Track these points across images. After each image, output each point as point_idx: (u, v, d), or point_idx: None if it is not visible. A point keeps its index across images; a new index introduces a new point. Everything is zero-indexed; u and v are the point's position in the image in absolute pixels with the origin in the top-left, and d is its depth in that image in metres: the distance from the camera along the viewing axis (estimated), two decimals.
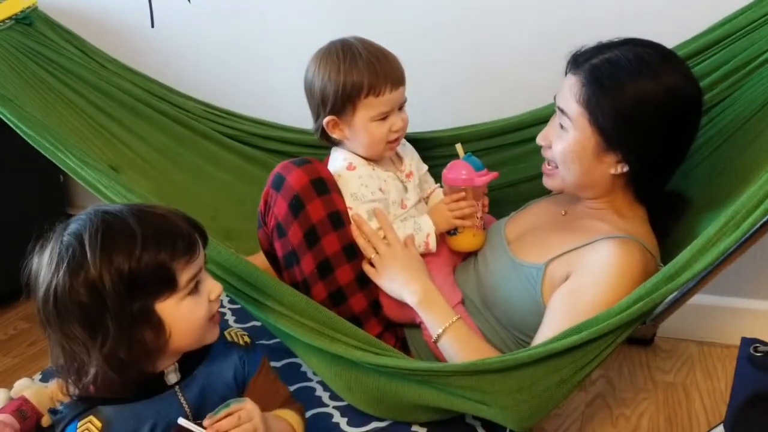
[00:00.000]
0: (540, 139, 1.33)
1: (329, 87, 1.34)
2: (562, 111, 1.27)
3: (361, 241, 1.36)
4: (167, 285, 0.93)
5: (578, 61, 1.26)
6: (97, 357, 0.90)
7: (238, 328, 1.67)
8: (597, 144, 1.24)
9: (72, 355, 0.93)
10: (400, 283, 1.33)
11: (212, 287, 0.99)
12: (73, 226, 0.94)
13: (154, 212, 0.95)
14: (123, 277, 0.89)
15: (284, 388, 1.15)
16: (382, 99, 1.33)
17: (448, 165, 1.41)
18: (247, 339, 1.12)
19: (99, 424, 0.95)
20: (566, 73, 1.29)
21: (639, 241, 1.24)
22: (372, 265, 1.37)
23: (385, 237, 1.37)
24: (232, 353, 1.07)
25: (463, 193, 1.39)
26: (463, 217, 1.38)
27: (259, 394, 1.07)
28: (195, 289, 0.96)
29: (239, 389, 1.07)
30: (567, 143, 1.26)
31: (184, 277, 0.94)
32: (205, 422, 0.94)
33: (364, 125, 1.36)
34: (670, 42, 1.34)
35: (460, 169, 1.39)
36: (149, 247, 0.90)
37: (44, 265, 0.93)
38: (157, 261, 0.91)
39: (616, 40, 1.27)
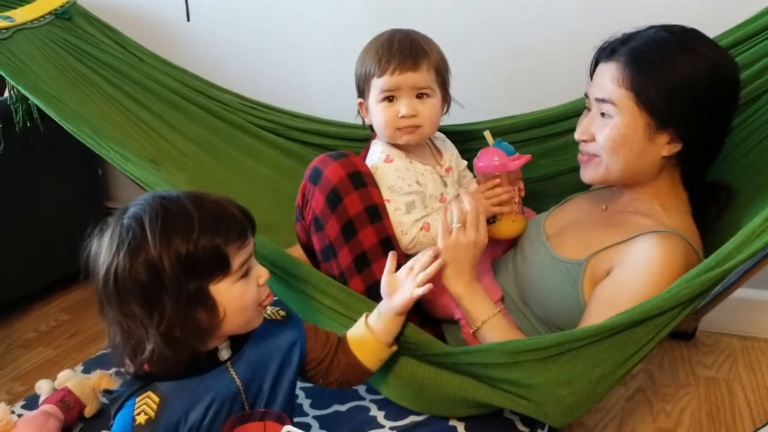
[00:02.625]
0: (579, 134, 1.30)
1: (359, 68, 1.40)
2: (602, 100, 1.24)
3: (444, 225, 1.29)
4: (221, 267, 0.96)
5: (610, 50, 1.25)
6: (154, 334, 0.93)
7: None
8: (647, 124, 1.21)
9: (129, 333, 0.96)
10: (448, 273, 1.30)
11: (261, 272, 1.03)
12: (132, 209, 0.97)
13: (208, 198, 0.99)
14: (181, 259, 0.92)
15: (333, 337, 1.19)
16: (386, 78, 1.35)
17: (479, 153, 1.40)
18: (282, 312, 1.15)
19: (157, 399, 0.98)
20: (595, 67, 1.28)
21: (682, 236, 1.22)
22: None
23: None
24: (276, 329, 1.10)
25: (497, 180, 1.37)
26: (500, 204, 1.37)
27: (317, 353, 1.16)
28: (246, 274, 0.99)
29: (302, 357, 1.13)
30: (615, 129, 1.23)
31: (237, 260, 0.97)
32: None
33: (374, 106, 1.38)
34: (712, 31, 1.31)
35: (492, 156, 1.37)
36: (205, 231, 0.94)
37: (104, 247, 0.96)
38: (212, 244, 0.94)
39: (640, 28, 1.26)
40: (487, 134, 1.41)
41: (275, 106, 1.84)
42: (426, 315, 1.39)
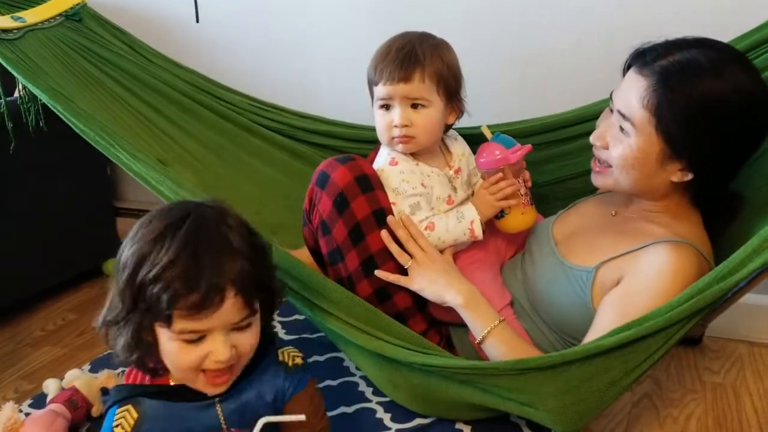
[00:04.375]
0: (595, 139, 1.28)
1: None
2: (623, 115, 1.20)
3: (394, 248, 1.34)
4: (163, 319, 0.91)
5: (645, 60, 1.19)
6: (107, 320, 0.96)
7: (281, 319, 1.68)
8: (662, 151, 1.18)
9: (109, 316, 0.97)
10: (443, 285, 1.32)
11: (217, 352, 0.93)
12: (175, 210, 0.96)
13: (206, 251, 0.91)
14: (136, 282, 0.91)
15: (323, 421, 1.11)
16: (379, 88, 1.36)
17: (479, 149, 1.39)
18: (298, 360, 1.08)
19: (135, 416, 0.98)
20: (627, 69, 1.23)
21: (694, 246, 1.21)
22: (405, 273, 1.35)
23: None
24: (279, 373, 1.04)
25: (500, 174, 1.37)
26: (506, 198, 1.37)
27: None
28: (194, 341, 0.92)
29: (277, 410, 1.05)
30: (628, 149, 1.21)
31: (180, 325, 0.91)
32: None
33: (375, 112, 1.40)
34: (729, 34, 1.30)
35: (492, 151, 1.37)
36: (162, 277, 0.89)
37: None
38: (159, 293, 0.89)
39: (686, 38, 1.20)
40: (484, 129, 1.40)
41: (283, 106, 1.84)
42: (433, 318, 1.39)
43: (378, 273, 1.33)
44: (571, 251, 1.32)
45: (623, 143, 1.21)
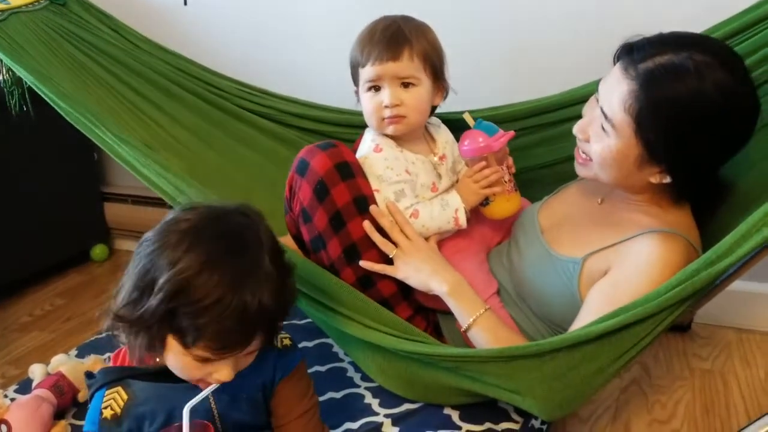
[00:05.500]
0: (577, 131, 1.27)
1: (349, 59, 1.39)
2: (605, 115, 1.18)
3: (377, 238, 1.33)
4: (183, 339, 0.92)
5: (632, 57, 1.16)
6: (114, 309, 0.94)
7: None
8: (640, 155, 1.17)
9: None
10: (428, 273, 1.31)
11: (221, 372, 0.96)
12: (202, 225, 0.95)
13: (246, 307, 0.91)
14: (170, 300, 0.90)
15: (312, 400, 1.13)
16: (369, 68, 1.34)
17: (462, 137, 1.38)
18: (287, 342, 1.11)
19: (125, 397, 0.99)
20: (616, 61, 1.20)
21: (682, 235, 1.20)
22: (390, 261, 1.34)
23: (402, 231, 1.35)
24: (268, 355, 1.05)
25: (484, 162, 1.36)
26: (490, 185, 1.36)
27: (284, 399, 1.08)
28: (204, 361, 0.94)
29: (267, 392, 1.08)
30: (607, 149, 1.19)
31: (198, 351, 0.92)
32: None
33: (362, 95, 1.38)
34: (709, 22, 1.30)
35: (475, 138, 1.36)
36: (206, 314, 0.89)
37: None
38: (194, 324, 0.90)
39: (678, 36, 1.17)
40: (466, 116, 1.39)
41: (271, 91, 1.82)
42: (419, 304, 1.39)
43: (363, 263, 1.33)
44: (558, 241, 1.31)
45: (603, 141, 1.20)
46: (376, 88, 1.35)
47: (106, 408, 0.99)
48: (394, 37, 1.33)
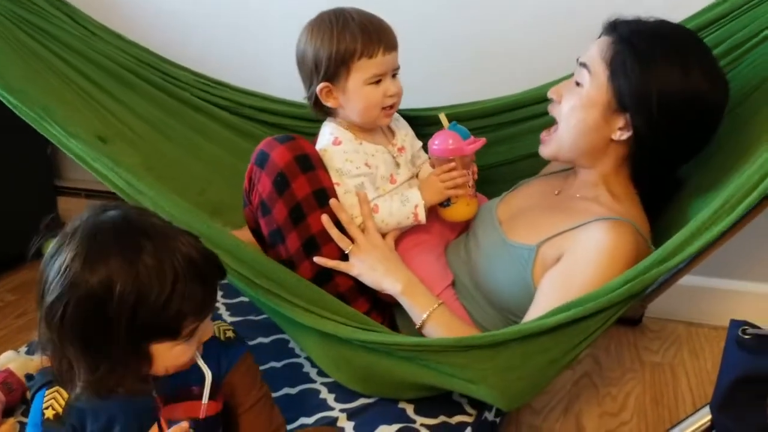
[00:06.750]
0: (551, 93, 1.32)
1: (322, 52, 1.33)
2: (583, 65, 1.26)
3: (334, 233, 1.33)
4: (171, 333, 0.91)
5: (614, 27, 1.26)
6: (85, 376, 0.90)
7: (226, 301, 1.65)
8: (608, 102, 1.23)
9: (60, 366, 0.92)
10: (382, 272, 1.32)
11: (206, 331, 0.97)
12: (105, 238, 0.88)
13: (189, 256, 0.90)
14: (140, 316, 0.87)
15: (262, 390, 1.12)
16: (375, 61, 1.33)
17: (434, 136, 1.39)
18: (230, 334, 1.10)
19: (66, 395, 0.97)
20: (598, 38, 1.29)
21: (632, 224, 1.24)
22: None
23: (361, 225, 1.36)
24: (210, 348, 1.03)
25: (453, 164, 1.37)
26: (455, 187, 1.37)
27: (234, 391, 1.08)
28: (191, 335, 0.94)
29: (213, 384, 1.04)
30: (577, 97, 1.26)
31: (187, 329, 0.92)
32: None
33: (358, 89, 1.35)
34: (678, 15, 1.33)
35: (447, 139, 1.37)
36: (176, 299, 0.88)
37: (63, 271, 0.87)
38: (176, 313, 0.89)
39: (654, 19, 1.27)
40: (442, 117, 1.41)
41: (229, 83, 1.81)
42: (376, 299, 1.39)
43: (317, 260, 1.32)
44: (514, 230, 1.33)
45: (575, 93, 1.27)
46: (378, 81, 1.35)
47: (47, 408, 0.97)
48: (386, 28, 1.35)
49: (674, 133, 1.22)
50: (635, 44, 1.21)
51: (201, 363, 0.98)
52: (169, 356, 0.93)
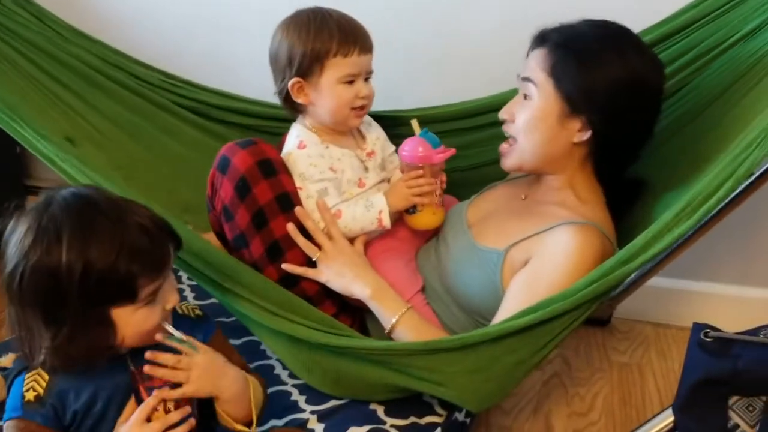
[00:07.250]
0: (503, 113, 1.33)
1: (298, 47, 1.33)
2: (527, 79, 1.28)
3: (301, 240, 1.33)
4: (127, 296, 0.93)
5: (544, 37, 1.29)
6: (47, 346, 0.93)
7: (196, 305, 1.65)
8: (561, 109, 1.25)
9: (24, 339, 0.96)
10: (350, 278, 1.32)
11: (170, 297, 1.00)
12: (56, 208, 0.93)
13: (136, 220, 0.94)
14: (89, 281, 0.90)
15: (240, 359, 1.15)
16: (349, 60, 1.33)
17: (405, 142, 1.39)
18: (198, 312, 1.12)
19: (47, 377, 0.98)
20: (530, 51, 1.31)
21: (597, 227, 1.25)
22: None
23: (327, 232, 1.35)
24: (183, 326, 1.05)
25: (421, 171, 1.36)
26: (422, 195, 1.37)
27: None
28: (152, 299, 0.96)
29: None
30: (531, 110, 1.27)
31: (145, 291, 0.94)
32: (147, 355, 0.97)
33: (330, 87, 1.35)
34: (635, 28, 1.34)
35: (417, 146, 1.37)
36: (123, 259, 0.91)
37: (17, 243, 0.92)
38: (127, 273, 0.91)
39: (579, 20, 1.30)
40: (414, 123, 1.40)
41: (197, 83, 1.78)
42: (346, 304, 1.39)
43: (285, 266, 1.32)
44: (483, 234, 1.34)
45: (527, 107, 1.28)
46: (351, 81, 1.35)
47: (27, 391, 0.98)
48: (363, 30, 1.35)
49: (628, 119, 1.25)
50: (570, 47, 1.24)
51: (171, 328, 1.00)
52: (132, 322, 0.95)
